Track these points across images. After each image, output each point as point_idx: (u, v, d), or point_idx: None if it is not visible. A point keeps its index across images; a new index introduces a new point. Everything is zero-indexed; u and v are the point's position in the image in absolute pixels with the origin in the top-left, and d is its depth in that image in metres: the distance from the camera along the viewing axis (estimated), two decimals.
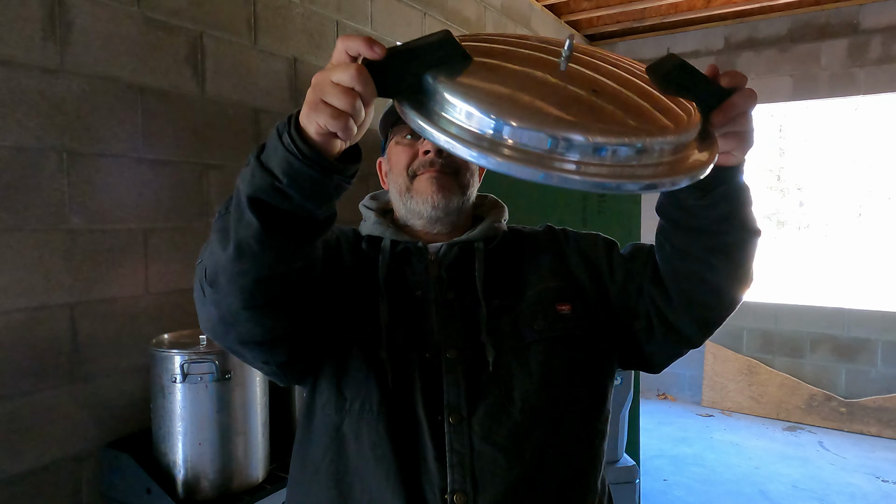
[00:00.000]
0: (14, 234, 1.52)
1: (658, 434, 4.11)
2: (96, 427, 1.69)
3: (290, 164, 0.61)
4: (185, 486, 1.51)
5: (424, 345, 0.83)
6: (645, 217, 2.85)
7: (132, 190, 1.77)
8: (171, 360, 1.50)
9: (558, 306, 0.86)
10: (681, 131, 0.58)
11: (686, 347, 0.89)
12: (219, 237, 0.68)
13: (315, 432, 0.85)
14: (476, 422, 0.79)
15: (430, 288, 0.87)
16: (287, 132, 0.61)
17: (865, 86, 4.24)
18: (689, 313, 0.83)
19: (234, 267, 0.67)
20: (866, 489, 3.33)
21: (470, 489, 0.76)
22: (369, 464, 0.79)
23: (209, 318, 0.74)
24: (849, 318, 4.32)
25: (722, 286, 0.80)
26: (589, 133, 0.53)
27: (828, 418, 4.28)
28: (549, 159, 0.53)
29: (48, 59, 1.57)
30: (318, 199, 0.64)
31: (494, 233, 0.93)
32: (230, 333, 0.75)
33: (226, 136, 2.04)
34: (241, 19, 2.09)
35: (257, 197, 0.63)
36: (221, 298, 0.70)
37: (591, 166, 0.53)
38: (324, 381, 0.84)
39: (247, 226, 0.64)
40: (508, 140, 0.54)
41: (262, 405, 1.64)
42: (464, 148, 0.54)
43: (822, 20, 4.34)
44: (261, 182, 0.62)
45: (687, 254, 0.79)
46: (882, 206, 4.38)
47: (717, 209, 0.74)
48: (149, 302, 1.82)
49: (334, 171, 0.63)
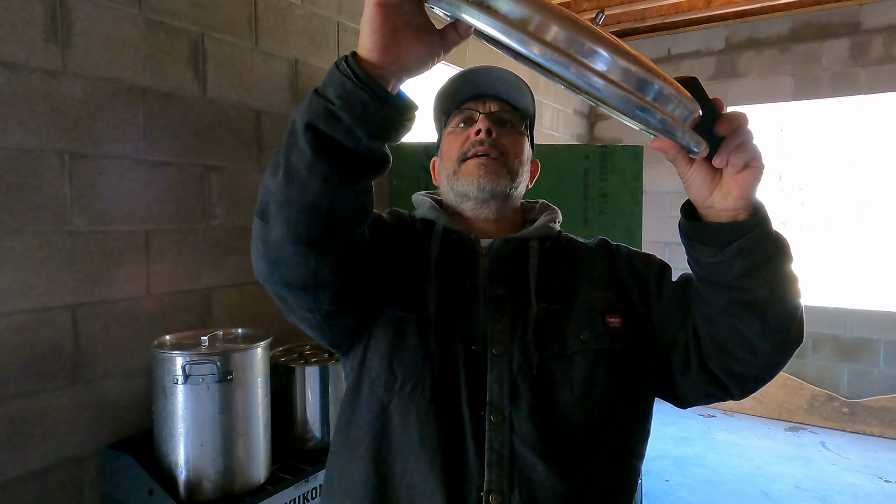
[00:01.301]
0: (16, 236, 1.52)
1: (660, 434, 4.10)
2: (98, 428, 1.70)
3: (344, 86, 0.64)
4: (186, 488, 1.51)
5: (471, 337, 0.82)
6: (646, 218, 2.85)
7: (134, 191, 1.77)
8: (173, 362, 1.50)
9: (608, 318, 0.84)
10: (691, 100, 0.64)
11: (723, 395, 0.85)
12: (271, 169, 0.70)
13: (360, 408, 0.84)
14: (518, 423, 0.78)
15: (479, 280, 0.86)
16: (344, 60, 0.65)
17: (867, 86, 4.24)
18: (720, 363, 0.80)
19: (283, 193, 0.68)
20: (869, 490, 3.32)
21: (507, 490, 0.76)
22: (414, 448, 0.78)
23: (258, 255, 0.75)
24: (851, 319, 4.32)
25: (755, 342, 0.76)
26: (621, 55, 0.58)
27: (830, 419, 4.27)
28: (581, 63, 0.57)
29: (50, 61, 1.57)
30: (366, 127, 0.66)
31: (549, 233, 0.93)
32: (275, 273, 0.75)
33: (227, 137, 2.05)
34: (243, 21, 2.10)
35: (310, 122, 0.65)
36: (269, 230, 0.71)
37: (615, 84, 0.58)
38: (374, 356, 0.84)
39: (298, 152, 0.66)
40: (548, 36, 0.57)
41: (264, 406, 1.64)
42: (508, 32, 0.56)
43: (823, 20, 4.34)
44: (315, 107, 0.65)
45: (715, 305, 0.77)
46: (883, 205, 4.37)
47: (735, 266, 0.72)
48: (150, 303, 1.82)
49: (386, 100, 0.65)
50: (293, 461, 1.79)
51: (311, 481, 1.72)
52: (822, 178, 4.46)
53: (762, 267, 0.72)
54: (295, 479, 1.67)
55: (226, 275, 2.06)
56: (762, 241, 0.72)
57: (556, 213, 0.99)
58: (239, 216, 2.10)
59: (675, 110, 0.63)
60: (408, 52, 0.65)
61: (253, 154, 2.15)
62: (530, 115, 0.97)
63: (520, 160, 0.94)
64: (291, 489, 1.65)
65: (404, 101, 0.68)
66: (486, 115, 0.92)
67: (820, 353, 4.40)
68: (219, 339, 1.66)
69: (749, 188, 0.70)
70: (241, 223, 2.11)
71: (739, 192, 0.70)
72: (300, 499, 1.68)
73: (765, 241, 0.72)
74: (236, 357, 1.54)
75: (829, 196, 4.48)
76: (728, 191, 0.70)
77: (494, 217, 0.95)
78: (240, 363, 1.55)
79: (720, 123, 0.67)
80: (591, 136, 5.23)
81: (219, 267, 2.03)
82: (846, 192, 4.48)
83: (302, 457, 1.82)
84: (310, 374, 1.84)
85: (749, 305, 0.74)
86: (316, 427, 1.86)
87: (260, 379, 1.62)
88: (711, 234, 0.73)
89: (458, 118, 0.96)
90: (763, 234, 0.72)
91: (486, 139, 0.90)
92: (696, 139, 0.66)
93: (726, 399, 0.86)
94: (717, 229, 0.73)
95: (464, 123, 0.95)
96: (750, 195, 0.70)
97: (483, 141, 0.90)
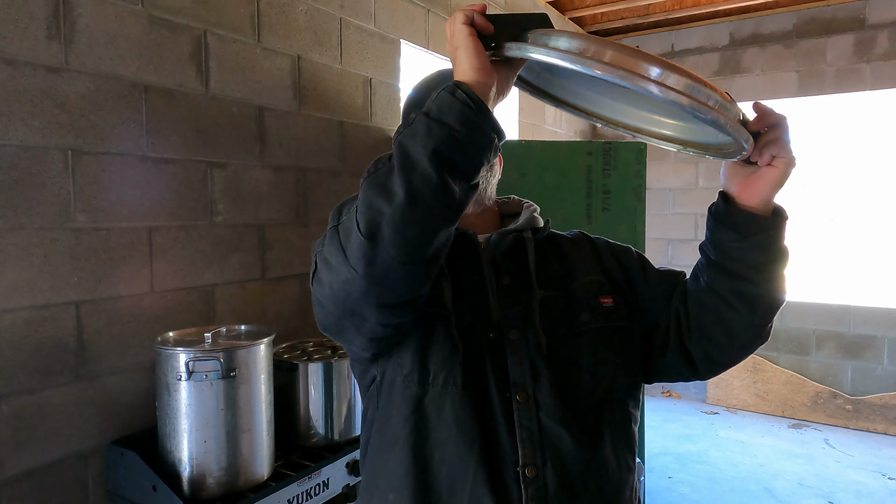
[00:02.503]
0: (19, 233, 1.52)
1: (663, 432, 4.10)
2: (102, 424, 1.70)
3: (467, 115, 0.70)
4: (190, 484, 1.52)
5: (488, 325, 0.88)
6: (649, 215, 2.85)
7: (137, 188, 1.78)
8: (177, 358, 1.50)
9: (602, 299, 0.93)
10: (732, 103, 0.70)
11: (691, 376, 0.97)
12: (378, 191, 0.71)
13: (394, 404, 0.88)
14: (541, 399, 0.85)
15: (485, 273, 0.91)
16: (459, 89, 0.71)
17: (872, 81, 4.22)
18: (700, 346, 0.91)
19: (404, 216, 0.70)
20: (872, 486, 3.32)
21: (540, 463, 0.82)
22: (452, 436, 0.83)
23: (351, 277, 0.75)
24: (855, 315, 4.30)
25: (736, 331, 0.88)
26: (667, 68, 0.65)
27: (833, 416, 4.27)
28: (634, 75, 0.64)
29: (52, 58, 1.57)
30: (486, 154, 0.72)
31: (537, 224, 0.99)
32: (372, 294, 0.76)
33: (230, 134, 2.05)
34: (245, 17, 2.09)
35: (436, 149, 0.69)
36: (379, 252, 0.72)
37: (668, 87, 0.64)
38: (407, 354, 0.88)
39: (421, 177, 0.69)
40: (605, 58, 0.65)
41: (267, 403, 1.65)
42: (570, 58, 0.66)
43: (828, 15, 4.32)
44: (439, 134, 0.69)
45: (714, 291, 0.87)
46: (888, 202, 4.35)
47: (751, 256, 0.82)
48: (154, 300, 1.83)
49: (496, 128, 0.72)
50: (296, 458, 1.79)
51: (314, 478, 1.72)
52: (826, 175, 4.44)
53: (771, 264, 0.83)
54: (298, 476, 1.68)
55: (229, 272, 2.06)
56: (777, 241, 0.83)
57: (534, 205, 1.04)
58: (242, 213, 2.10)
59: (731, 113, 0.69)
60: (498, 73, 0.74)
61: (255, 151, 2.15)
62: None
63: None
64: (294, 485, 1.66)
65: (502, 129, 0.75)
66: None
67: (824, 349, 4.39)
68: (222, 335, 1.67)
69: (774, 182, 0.80)
70: (244, 220, 2.11)
71: (769, 181, 0.80)
72: (303, 495, 1.68)
73: (780, 241, 0.83)
74: (240, 354, 1.55)
75: (833, 192, 4.46)
76: (762, 181, 0.81)
77: (479, 210, 1.00)
78: (243, 360, 1.55)
79: (753, 122, 0.76)
80: (593, 133, 5.22)
81: (222, 264, 2.03)
82: (850, 188, 4.46)
83: (305, 453, 1.82)
84: (313, 371, 1.84)
85: (746, 297, 0.85)
86: (319, 424, 1.86)
87: (263, 376, 1.62)
88: (741, 221, 0.82)
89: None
90: (779, 236, 0.83)
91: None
92: (747, 135, 0.72)
93: (691, 380, 0.99)
94: (747, 217, 0.82)
95: None
96: (773, 189, 0.81)
97: None
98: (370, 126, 2.66)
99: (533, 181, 2.65)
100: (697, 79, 0.66)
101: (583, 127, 5.04)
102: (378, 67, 2.70)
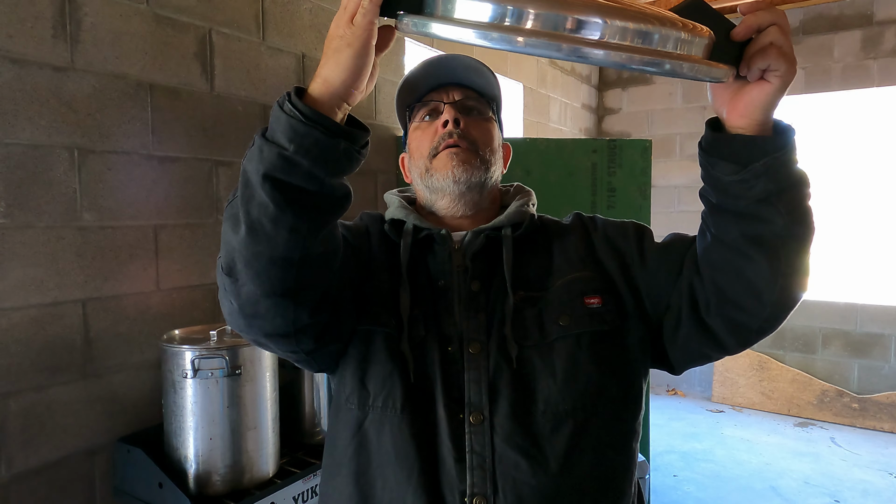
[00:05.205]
0: (26, 231, 1.53)
1: (668, 430, 4.09)
2: (109, 422, 1.71)
3: (294, 128, 0.61)
4: (196, 481, 1.53)
5: (446, 338, 0.80)
6: (654, 213, 2.84)
7: (142, 187, 1.78)
8: (182, 356, 1.51)
9: (587, 299, 0.82)
10: (694, 31, 0.59)
11: (717, 353, 0.81)
12: (230, 224, 0.68)
13: (340, 425, 0.84)
14: (498, 422, 0.76)
15: (453, 278, 0.84)
16: (287, 100, 0.62)
17: (879, 78, 4.19)
18: (721, 313, 0.76)
19: (249, 249, 0.66)
20: (879, 485, 3.30)
21: (490, 493, 0.74)
22: (391, 462, 0.77)
23: (231, 311, 0.73)
24: (862, 314, 4.28)
25: (760, 286, 0.71)
26: (607, 15, 0.54)
27: (840, 414, 4.25)
28: (569, 38, 0.53)
29: (59, 57, 1.58)
30: (327, 166, 0.64)
31: (522, 218, 0.89)
32: (253, 326, 0.73)
33: (235, 132, 2.05)
34: (250, 16, 2.10)
35: (266, 172, 0.62)
36: (240, 287, 0.69)
37: (612, 45, 0.54)
38: (347, 373, 0.82)
39: (258, 206, 0.64)
40: (526, 25, 0.53)
41: (273, 400, 1.65)
42: (481, 34, 0.54)
43: (835, 11, 4.29)
44: (268, 155, 0.62)
45: (723, 242, 0.72)
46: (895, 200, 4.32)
47: (756, 187, 0.67)
48: (159, 298, 1.83)
49: (339, 133, 0.63)
50: (302, 455, 1.80)
51: (320, 475, 1.73)
52: (832, 172, 4.42)
53: (784, 192, 0.68)
54: (303, 473, 1.68)
55: None
56: (786, 165, 0.67)
57: (530, 195, 0.95)
58: None
59: (685, 49, 0.58)
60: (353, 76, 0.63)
61: None
62: (496, 99, 0.94)
63: (491, 148, 0.90)
64: (300, 483, 1.66)
65: (356, 129, 0.66)
66: (451, 105, 0.88)
67: (830, 348, 4.36)
68: (227, 333, 1.67)
69: (767, 98, 0.65)
70: None
71: (759, 102, 0.65)
72: (308, 492, 1.69)
73: (789, 165, 0.67)
74: (245, 351, 1.55)
75: (840, 190, 4.43)
76: (749, 100, 0.66)
77: (472, 212, 0.90)
78: (248, 357, 1.56)
79: (735, 33, 0.63)
80: (598, 131, 5.20)
81: None
82: (857, 185, 4.43)
83: (310, 450, 1.82)
84: None
85: (762, 240, 0.69)
86: (324, 421, 1.86)
87: (268, 373, 1.63)
88: (736, 148, 0.67)
89: (423, 111, 0.92)
90: (788, 157, 0.67)
91: (454, 130, 0.86)
92: (719, 72, 0.61)
93: (721, 356, 0.83)
94: (742, 143, 0.67)
95: (429, 116, 0.91)
96: (768, 107, 0.66)
97: (452, 133, 0.86)
98: (375, 125, 2.66)
99: (537, 179, 2.65)
100: (647, 16, 0.55)
101: (588, 125, 5.02)
102: (383, 66, 2.69)
